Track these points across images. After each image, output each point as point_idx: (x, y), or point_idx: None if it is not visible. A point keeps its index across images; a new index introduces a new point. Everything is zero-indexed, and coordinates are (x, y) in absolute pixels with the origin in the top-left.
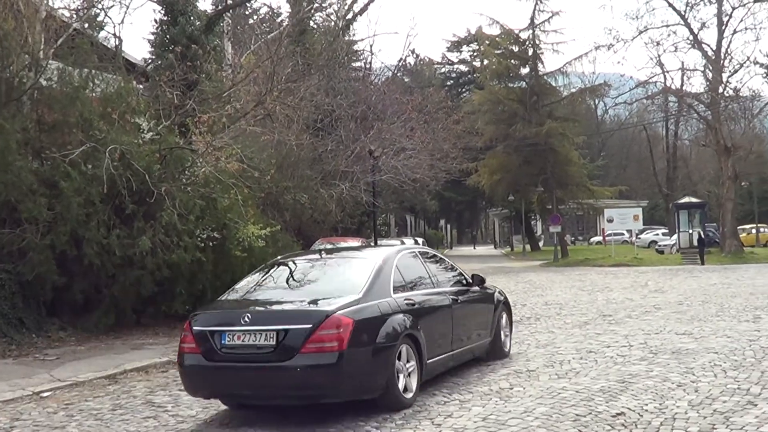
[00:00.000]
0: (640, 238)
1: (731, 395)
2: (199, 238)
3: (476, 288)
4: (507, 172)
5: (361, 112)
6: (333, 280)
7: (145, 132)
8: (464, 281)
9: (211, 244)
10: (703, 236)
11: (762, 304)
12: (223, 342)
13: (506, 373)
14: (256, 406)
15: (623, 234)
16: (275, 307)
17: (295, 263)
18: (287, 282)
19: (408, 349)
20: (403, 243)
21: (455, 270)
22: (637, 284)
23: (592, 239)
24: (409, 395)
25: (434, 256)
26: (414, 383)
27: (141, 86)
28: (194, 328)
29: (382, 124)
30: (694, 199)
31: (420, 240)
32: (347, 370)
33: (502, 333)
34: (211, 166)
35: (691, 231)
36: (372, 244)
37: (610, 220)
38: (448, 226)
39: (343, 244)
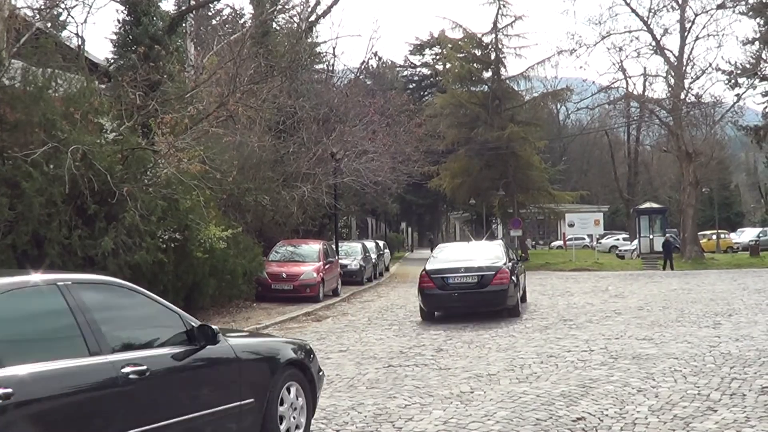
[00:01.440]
0: (600, 242)
1: (691, 401)
2: (160, 239)
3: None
4: (468, 176)
5: (324, 114)
6: (484, 253)
7: (108, 132)
8: (515, 258)
9: (172, 245)
10: (672, 240)
11: (722, 310)
12: (448, 281)
13: (467, 377)
14: None
15: (584, 238)
16: (473, 265)
17: (456, 246)
18: (461, 254)
19: (518, 285)
20: (364, 245)
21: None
22: (598, 289)
23: (552, 243)
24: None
25: (507, 244)
26: (520, 304)
27: (103, 86)
28: (431, 276)
29: (344, 127)
30: (654, 205)
31: (381, 243)
32: (508, 293)
33: (525, 290)
34: (173, 167)
35: (651, 236)
36: (333, 246)
37: (571, 225)
38: (409, 228)
39: (304, 247)
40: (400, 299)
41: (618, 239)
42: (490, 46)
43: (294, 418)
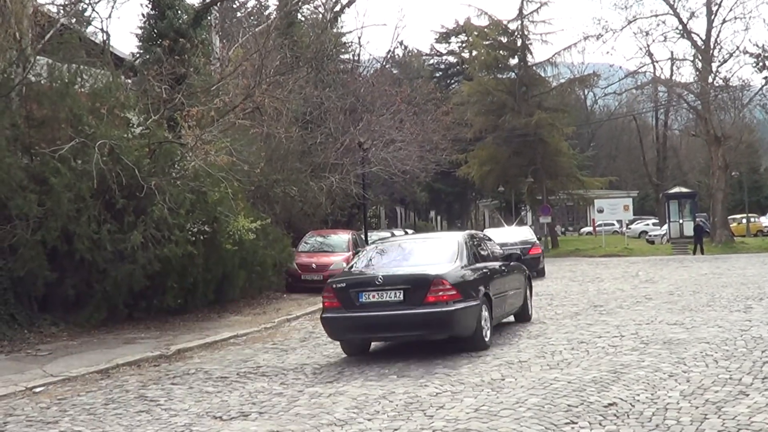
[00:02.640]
0: (630, 228)
1: (723, 385)
2: (189, 232)
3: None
4: (496, 163)
5: (350, 104)
6: (520, 234)
7: (135, 126)
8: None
9: (201, 237)
10: (702, 225)
11: (753, 293)
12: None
13: (498, 364)
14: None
15: (613, 224)
16: (516, 240)
17: (498, 230)
18: (505, 235)
19: (544, 257)
20: (393, 235)
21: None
22: (628, 274)
23: (582, 230)
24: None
25: (536, 230)
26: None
27: (129, 81)
28: None
29: (371, 116)
30: (684, 189)
31: (410, 232)
32: (540, 260)
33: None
34: (201, 160)
35: (681, 221)
36: (363, 236)
37: (600, 211)
38: (438, 217)
39: (333, 237)
40: None
41: (648, 224)
42: (516, 33)
43: (530, 299)
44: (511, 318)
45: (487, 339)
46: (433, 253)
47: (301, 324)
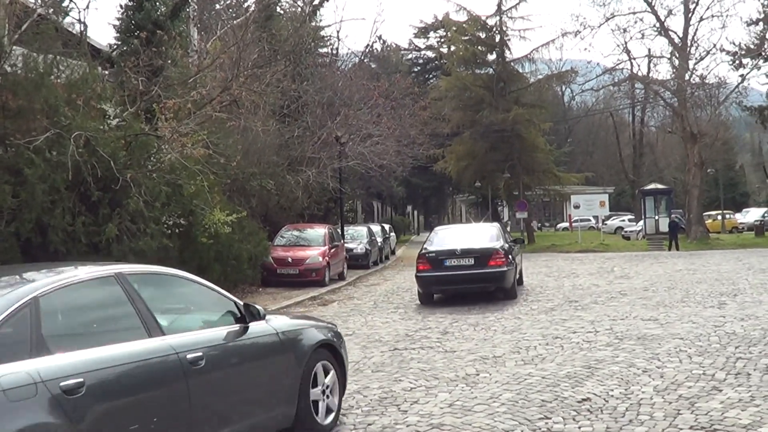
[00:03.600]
0: (606, 224)
1: (696, 381)
2: (165, 225)
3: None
4: (474, 159)
5: (328, 98)
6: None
7: (111, 118)
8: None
9: (177, 230)
10: (678, 221)
11: (727, 290)
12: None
13: (472, 359)
14: None
15: (590, 220)
16: None
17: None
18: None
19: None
20: (370, 229)
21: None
22: (603, 270)
23: (558, 225)
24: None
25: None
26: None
27: (106, 72)
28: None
29: (348, 111)
30: (660, 186)
31: (387, 226)
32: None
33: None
34: (177, 153)
35: (657, 217)
36: (339, 230)
37: (577, 207)
38: (415, 212)
39: (310, 231)
40: (406, 282)
41: (623, 220)
42: (494, 29)
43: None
44: (488, 312)
45: (516, 291)
46: (482, 235)
47: None
